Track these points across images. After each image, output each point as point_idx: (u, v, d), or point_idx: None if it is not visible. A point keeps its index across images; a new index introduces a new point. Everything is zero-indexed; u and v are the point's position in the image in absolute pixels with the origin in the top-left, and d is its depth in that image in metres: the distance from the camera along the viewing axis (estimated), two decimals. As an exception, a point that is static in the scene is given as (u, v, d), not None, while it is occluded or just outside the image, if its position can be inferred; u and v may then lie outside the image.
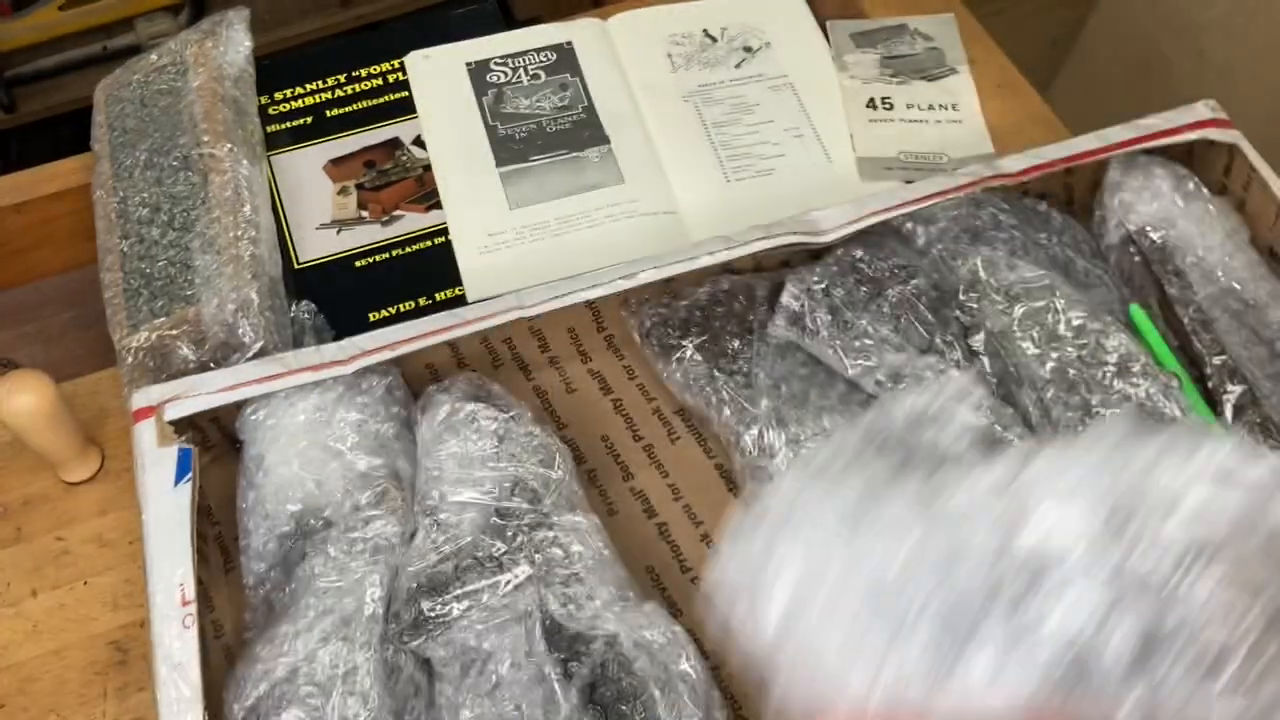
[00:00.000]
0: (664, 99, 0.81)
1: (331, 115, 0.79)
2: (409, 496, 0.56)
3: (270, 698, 0.49)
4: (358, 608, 0.51)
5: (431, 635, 0.51)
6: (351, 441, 0.56)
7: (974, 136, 0.78)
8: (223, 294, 0.63)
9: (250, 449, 0.57)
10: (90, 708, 0.57)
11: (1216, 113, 0.67)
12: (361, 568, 0.52)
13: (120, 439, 0.65)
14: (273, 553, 0.55)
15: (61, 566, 0.61)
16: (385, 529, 0.53)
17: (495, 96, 0.80)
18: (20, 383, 0.58)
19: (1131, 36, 1.27)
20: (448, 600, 0.51)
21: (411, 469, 0.57)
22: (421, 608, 0.51)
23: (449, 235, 0.73)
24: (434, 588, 0.51)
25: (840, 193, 0.75)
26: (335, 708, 0.48)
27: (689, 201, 0.76)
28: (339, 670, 0.49)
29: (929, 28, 0.84)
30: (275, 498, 0.55)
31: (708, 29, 0.85)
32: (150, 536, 0.53)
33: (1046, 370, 0.57)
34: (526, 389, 0.65)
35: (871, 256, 0.63)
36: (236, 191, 0.68)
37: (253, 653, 0.51)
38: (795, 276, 0.62)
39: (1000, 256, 0.62)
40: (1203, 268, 0.63)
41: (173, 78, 0.73)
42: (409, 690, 0.52)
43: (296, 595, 0.52)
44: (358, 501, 0.54)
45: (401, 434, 0.58)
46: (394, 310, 0.70)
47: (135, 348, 0.63)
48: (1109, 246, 0.66)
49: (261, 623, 0.54)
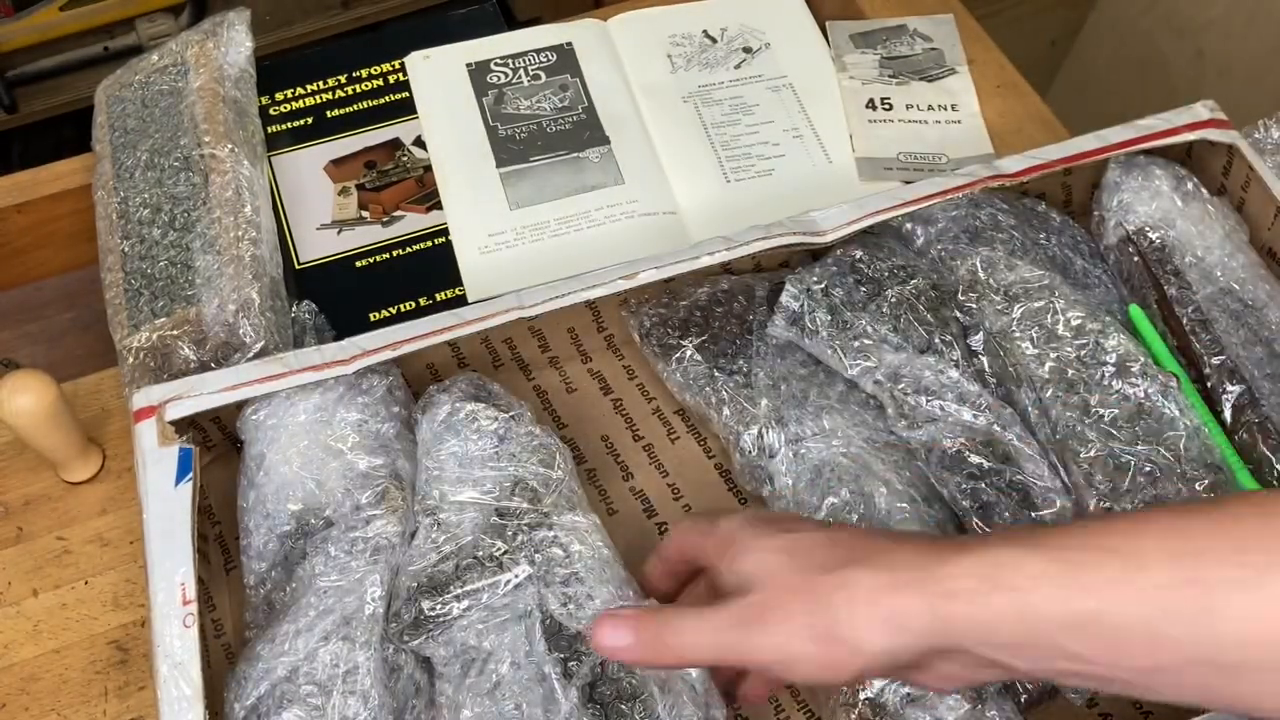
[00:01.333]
0: (664, 99, 0.81)
1: (332, 116, 0.79)
2: (410, 496, 0.56)
3: (271, 697, 0.49)
4: (358, 607, 0.51)
5: (432, 635, 0.51)
6: (352, 441, 0.56)
7: (973, 137, 0.78)
8: (223, 294, 0.63)
9: (251, 448, 0.57)
10: (91, 707, 0.57)
11: (1215, 113, 0.67)
12: (362, 567, 0.52)
13: (121, 439, 0.65)
14: (273, 552, 0.55)
15: (62, 566, 0.61)
16: (386, 528, 0.53)
17: (495, 97, 0.80)
18: (21, 383, 0.58)
19: (1131, 36, 1.27)
20: (448, 600, 0.51)
21: (412, 469, 0.57)
22: (422, 607, 0.51)
23: (449, 235, 0.74)
24: (434, 587, 0.51)
25: (840, 193, 0.75)
26: (336, 707, 0.49)
27: (689, 202, 0.76)
28: (339, 669, 0.49)
29: (928, 28, 0.84)
30: (276, 497, 0.55)
31: (707, 30, 0.85)
32: (151, 536, 0.53)
33: (1045, 370, 0.58)
34: (527, 389, 0.66)
35: (871, 256, 0.63)
36: (237, 192, 0.68)
37: (254, 652, 0.51)
38: (795, 276, 0.62)
39: (999, 257, 0.62)
40: (1202, 268, 0.63)
41: (174, 78, 0.74)
42: (410, 690, 0.52)
43: (297, 594, 0.52)
44: (358, 501, 0.54)
45: (402, 434, 0.58)
46: (394, 310, 0.70)
47: (136, 348, 0.63)
48: (1108, 247, 0.66)
49: (262, 622, 0.54)
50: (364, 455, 0.56)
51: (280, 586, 0.54)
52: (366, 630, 0.50)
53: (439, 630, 0.51)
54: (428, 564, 0.52)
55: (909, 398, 0.58)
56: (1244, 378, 0.59)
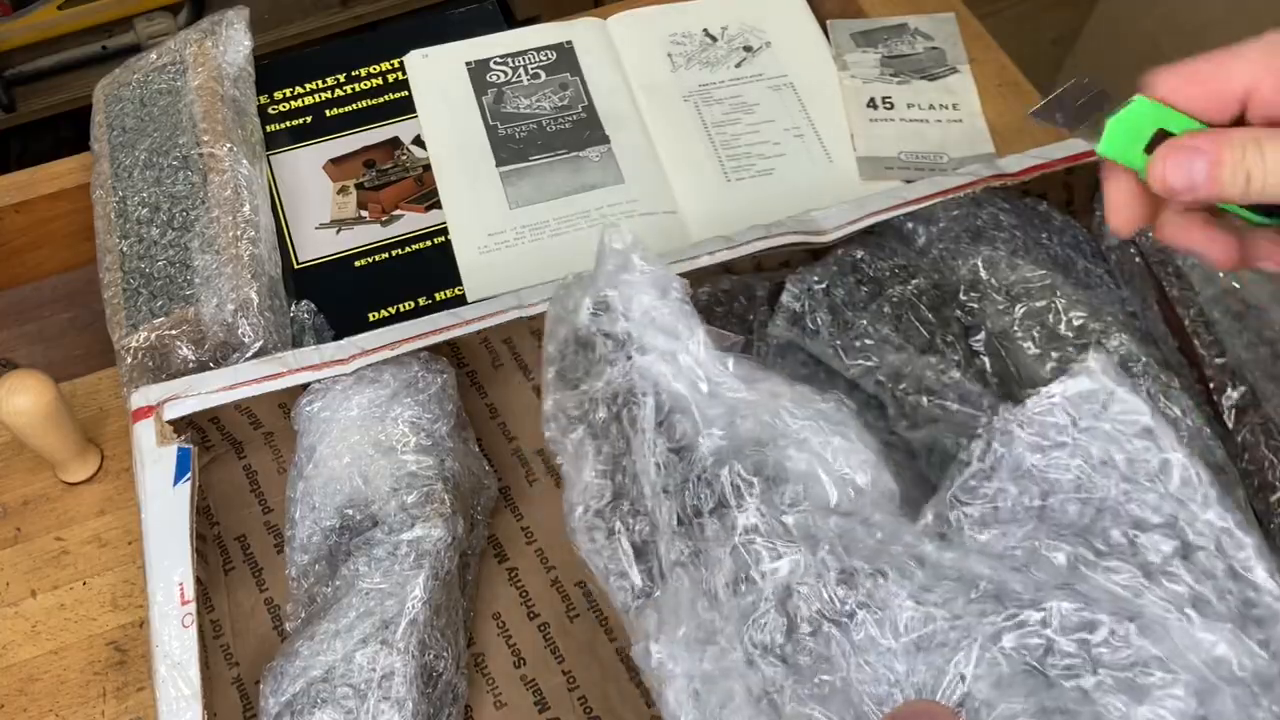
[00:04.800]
0: (664, 99, 0.81)
1: (331, 115, 0.79)
2: (459, 497, 0.55)
3: (306, 695, 0.49)
4: (398, 612, 0.51)
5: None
6: (403, 439, 0.56)
7: (975, 136, 0.78)
8: (222, 294, 0.63)
9: (303, 439, 0.57)
10: (90, 708, 0.57)
11: (1217, 112, 0.66)
12: (405, 571, 0.51)
13: (119, 439, 0.65)
14: (317, 545, 0.55)
15: (61, 567, 0.61)
16: (431, 532, 0.53)
17: (495, 96, 0.80)
18: (20, 383, 0.58)
19: (1132, 36, 1.27)
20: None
21: (462, 468, 0.57)
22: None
23: (449, 235, 0.73)
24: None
25: (840, 192, 0.75)
26: (369, 711, 0.48)
27: (689, 201, 0.76)
28: (375, 674, 0.49)
29: (929, 27, 0.84)
30: (323, 491, 0.55)
31: (708, 28, 0.85)
32: (149, 536, 0.52)
33: (1047, 370, 0.57)
34: (526, 389, 0.65)
35: (872, 256, 0.63)
36: (236, 191, 0.68)
37: (292, 648, 0.51)
38: (795, 276, 0.62)
39: (1001, 256, 0.62)
40: (1203, 269, 0.63)
41: (172, 77, 0.73)
42: (447, 697, 0.51)
43: (339, 593, 0.52)
44: (404, 502, 0.54)
45: (454, 432, 0.58)
46: (394, 310, 0.70)
47: (134, 347, 0.63)
48: (1109, 247, 0.66)
49: (302, 614, 0.54)
50: (414, 454, 0.55)
51: (323, 580, 0.54)
52: (405, 636, 0.50)
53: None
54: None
55: (910, 398, 0.58)
56: (1246, 379, 0.59)
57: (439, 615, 0.52)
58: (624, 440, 0.44)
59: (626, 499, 0.44)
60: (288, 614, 0.55)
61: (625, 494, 0.44)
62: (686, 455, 0.42)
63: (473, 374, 0.65)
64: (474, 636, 0.58)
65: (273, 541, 0.60)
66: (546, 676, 0.56)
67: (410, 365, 0.57)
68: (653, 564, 0.43)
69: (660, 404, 0.43)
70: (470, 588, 0.58)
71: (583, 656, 0.57)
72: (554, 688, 0.56)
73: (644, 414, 0.43)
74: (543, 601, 0.59)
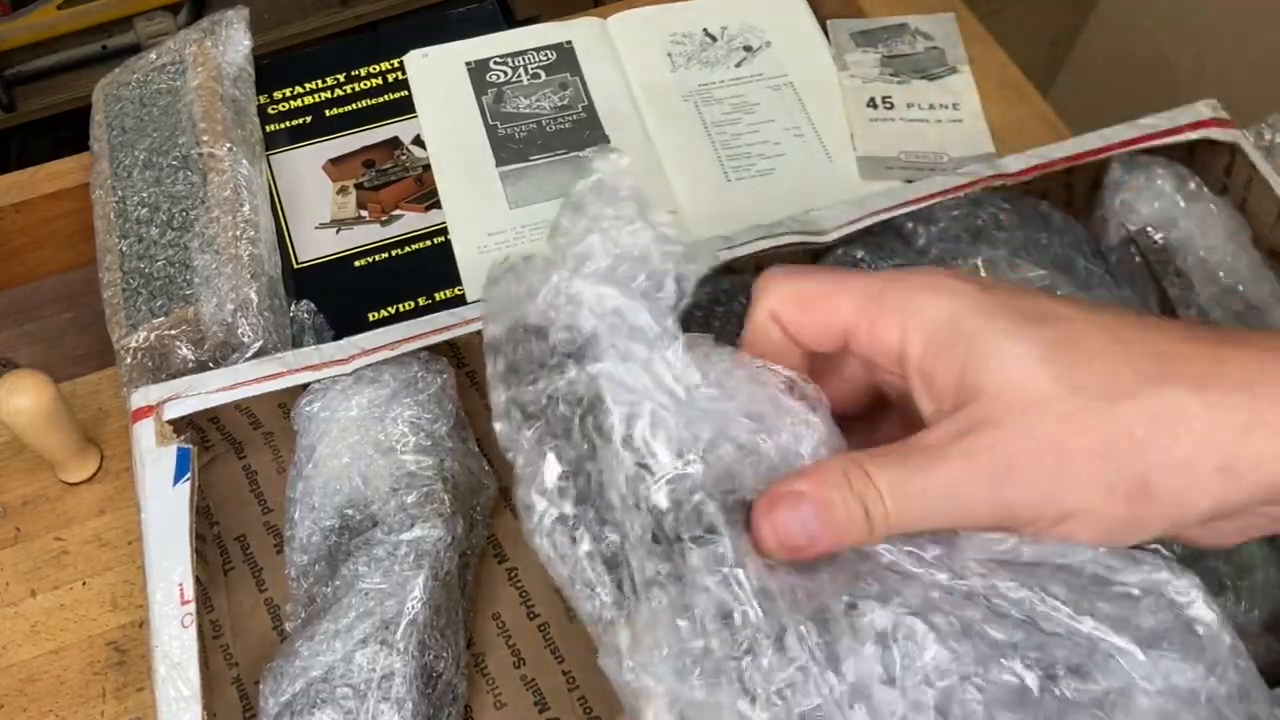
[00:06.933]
0: (664, 98, 0.81)
1: (331, 115, 0.79)
2: (458, 497, 0.55)
3: (305, 695, 0.49)
4: (399, 612, 0.50)
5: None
6: (403, 439, 0.55)
7: (975, 136, 0.78)
8: (222, 294, 0.63)
9: (302, 439, 0.57)
10: (89, 708, 0.57)
11: (1217, 112, 0.66)
12: (404, 571, 0.51)
13: (119, 439, 0.65)
14: (317, 545, 0.54)
15: (60, 567, 0.61)
16: (431, 533, 0.53)
17: (495, 96, 0.80)
18: (19, 383, 0.58)
19: (1133, 35, 1.27)
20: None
21: (462, 468, 0.57)
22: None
23: (448, 235, 0.73)
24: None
25: (841, 192, 0.75)
26: (369, 711, 0.48)
27: (689, 201, 0.76)
28: (375, 674, 0.49)
29: (929, 27, 0.84)
30: (323, 491, 0.55)
31: (708, 28, 0.85)
32: (149, 536, 0.52)
33: (1047, 370, 0.57)
34: (526, 389, 0.65)
35: (872, 256, 0.63)
36: (235, 191, 0.68)
37: (292, 648, 0.51)
38: (796, 276, 0.62)
39: (1001, 256, 0.62)
40: (1205, 268, 0.63)
41: (172, 77, 0.73)
42: (446, 697, 0.51)
43: (339, 593, 0.52)
44: (404, 502, 0.54)
45: (454, 432, 0.58)
46: (394, 310, 0.70)
47: (134, 348, 0.63)
48: (1110, 247, 0.66)
49: (303, 615, 0.54)
50: (413, 454, 0.55)
51: (323, 580, 0.54)
52: (405, 636, 0.50)
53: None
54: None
55: (910, 398, 0.57)
56: (1247, 378, 0.59)
57: (439, 615, 0.52)
58: (588, 444, 0.40)
59: (591, 507, 0.41)
60: (287, 614, 0.55)
61: (589, 500, 0.41)
62: (661, 474, 0.38)
63: (473, 374, 0.65)
64: (474, 636, 0.58)
65: (272, 541, 0.60)
66: (546, 676, 0.56)
67: (410, 365, 0.57)
68: (623, 578, 0.39)
69: (632, 415, 0.39)
70: (470, 588, 0.58)
71: (583, 656, 0.57)
72: (554, 688, 0.56)
73: (611, 423, 0.39)
74: (543, 601, 0.59)
